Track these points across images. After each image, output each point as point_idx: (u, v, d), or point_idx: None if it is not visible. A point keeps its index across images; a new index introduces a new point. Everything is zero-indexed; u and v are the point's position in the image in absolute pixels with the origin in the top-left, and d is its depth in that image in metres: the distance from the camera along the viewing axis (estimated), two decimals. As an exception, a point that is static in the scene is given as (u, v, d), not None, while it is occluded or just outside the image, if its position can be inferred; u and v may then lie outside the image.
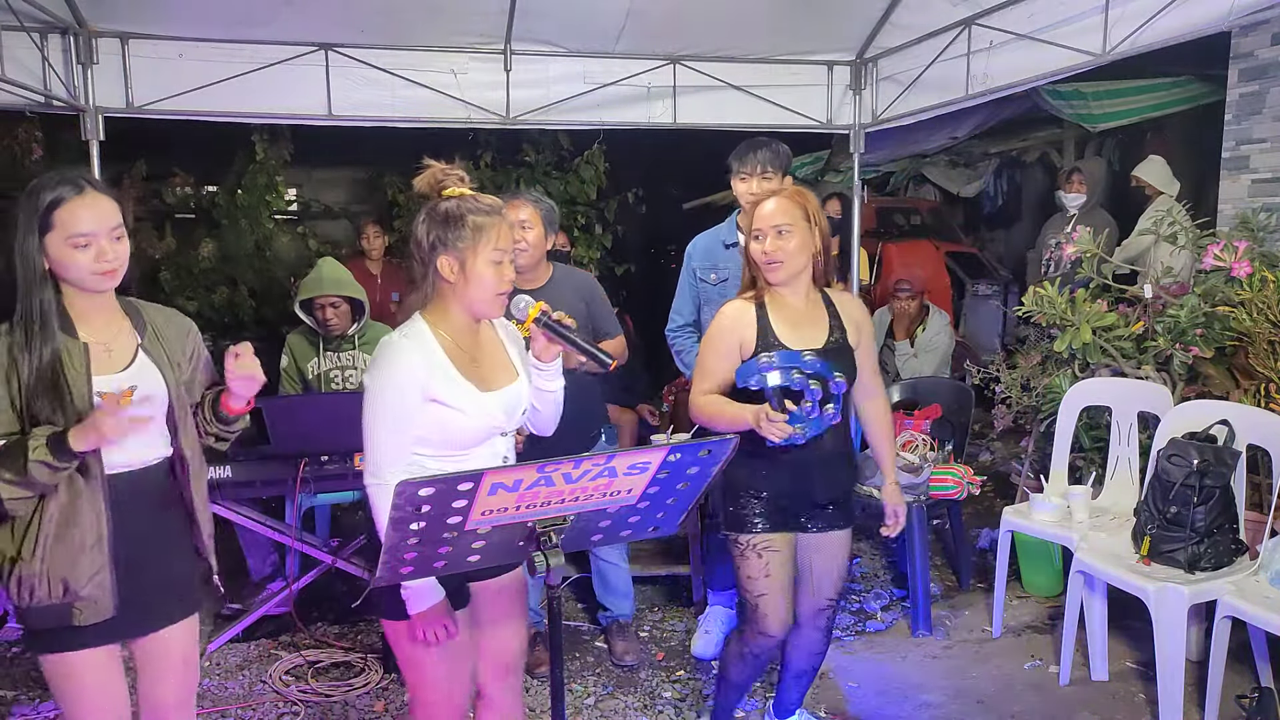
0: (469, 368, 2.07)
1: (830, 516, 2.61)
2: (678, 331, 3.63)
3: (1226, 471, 3.05)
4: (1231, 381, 3.60)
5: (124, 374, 2.03)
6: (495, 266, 2.04)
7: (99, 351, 2.01)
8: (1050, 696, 3.26)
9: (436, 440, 2.04)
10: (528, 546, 1.72)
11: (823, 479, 2.56)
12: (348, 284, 4.15)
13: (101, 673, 2.04)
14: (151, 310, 2.17)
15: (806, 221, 2.49)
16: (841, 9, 4.66)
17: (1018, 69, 4.15)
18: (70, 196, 1.95)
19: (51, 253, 1.94)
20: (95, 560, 1.97)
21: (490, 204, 2.06)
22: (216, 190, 7.82)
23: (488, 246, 2.02)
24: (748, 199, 3.33)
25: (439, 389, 2.01)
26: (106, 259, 1.96)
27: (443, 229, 2.03)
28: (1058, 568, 3.96)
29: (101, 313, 2.05)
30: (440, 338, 2.06)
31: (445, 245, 2.03)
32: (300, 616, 3.81)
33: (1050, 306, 3.86)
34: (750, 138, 3.37)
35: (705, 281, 3.51)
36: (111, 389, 1.98)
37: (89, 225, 1.95)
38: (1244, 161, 4.77)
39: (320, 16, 4.32)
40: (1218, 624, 2.86)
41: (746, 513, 2.57)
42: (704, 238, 3.58)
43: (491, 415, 2.07)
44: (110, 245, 1.97)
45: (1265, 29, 4.55)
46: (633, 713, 3.25)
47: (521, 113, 4.79)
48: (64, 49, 4.21)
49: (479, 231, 2.02)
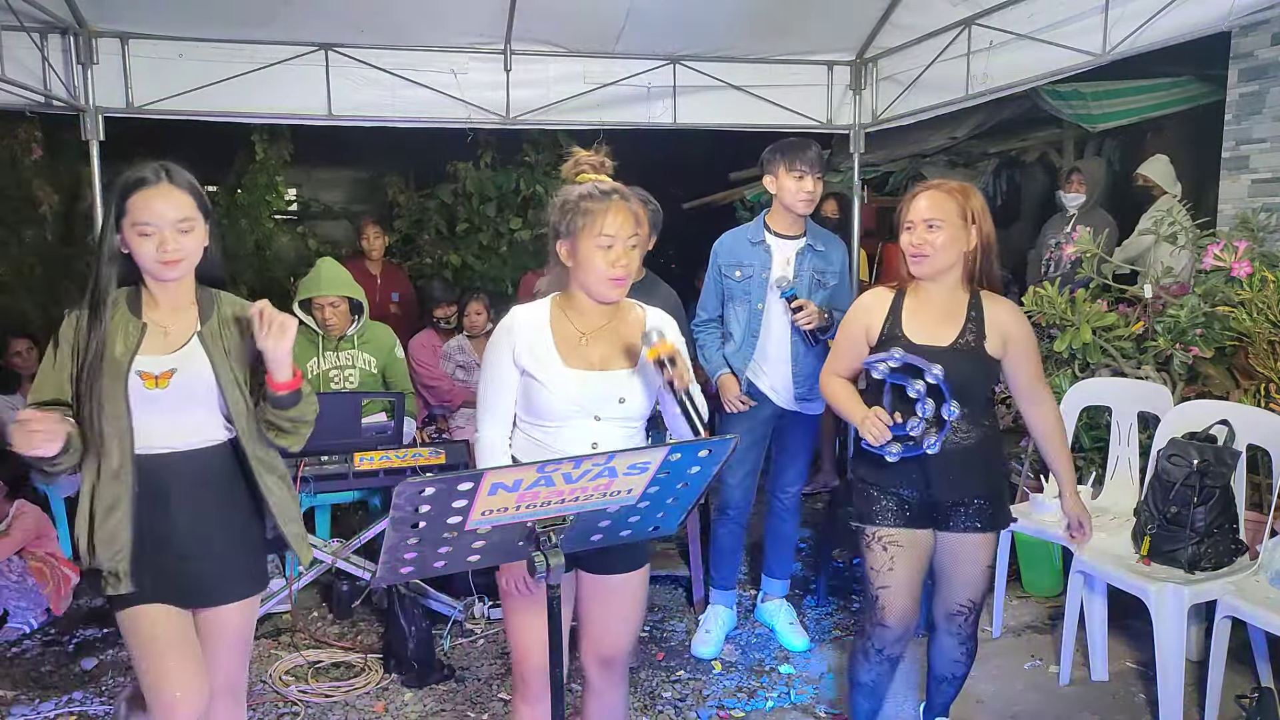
0: (572, 345, 2.14)
1: (967, 517, 2.53)
2: (701, 326, 3.65)
3: (1226, 471, 3.05)
4: (1231, 381, 3.60)
5: (171, 356, 2.08)
6: (603, 251, 2.08)
7: (156, 333, 2.09)
8: (1050, 696, 3.26)
9: (524, 406, 2.17)
10: (527, 546, 1.72)
11: (957, 478, 2.49)
12: (347, 284, 4.15)
13: (162, 624, 2.09)
14: (228, 301, 2.21)
15: (961, 219, 2.44)
16: (841, 9, 4.66)
17: (1018, 69, 4.15)
18: (145, 185, 2.02)
19: (125, 237, 2.03)
20: (118, 537, 2.05)
21: (606, 189, 2.12)
22: (216, 190, 7.82)
23: (594, 230, 2.07)
24: (803, 197, 3.36)
25: (525, 358, 2.13)
26: (167, 250, 2.02)
27: (560, 215, 2.13)
28: (1058, 568, 3.96)
29: (172, 297, 2.12)
30: (557, 316, 2.17)
31: (562, 231, 2.12)
32: (300, 616, 3.81)
33: (1050, 306, 3.87)
34: (753, 137, 3.39)
35: (729, 278, 3.52)
36: (152, 369, 2.05)
37: (154, 216, 2.01)
38: (1244, 161, 4.77)
39: (320, 16, 4.32)
40: (1218, 624, 2.86)
41: (873, 505, 2.55)
42: (730, 235, 3.60)
43: (568, 391, 2.10)
44: (174, 237, 2.03)
45: (1265, 29, 4.55)
46: (633, 713, 3.25)
47: (521, 113, 4.79)
48: (64, 49, 4.22)
49: (587, 216, 2.08)
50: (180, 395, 2.08)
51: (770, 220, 3.50)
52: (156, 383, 2.05)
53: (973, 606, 2.62)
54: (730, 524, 3.68)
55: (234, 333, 2.17)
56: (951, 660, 2.70)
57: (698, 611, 3.94)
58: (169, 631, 2.10)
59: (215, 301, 2.19)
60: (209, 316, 2.15)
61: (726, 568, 3.78)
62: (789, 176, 3.38)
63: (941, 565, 2.61)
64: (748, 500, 3.69)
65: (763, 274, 3.45)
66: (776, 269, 3.45)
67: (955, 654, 2.68)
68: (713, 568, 3.83)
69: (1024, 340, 2.51)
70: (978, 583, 2.60)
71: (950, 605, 2.63)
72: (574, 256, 2.11)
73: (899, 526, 2.53)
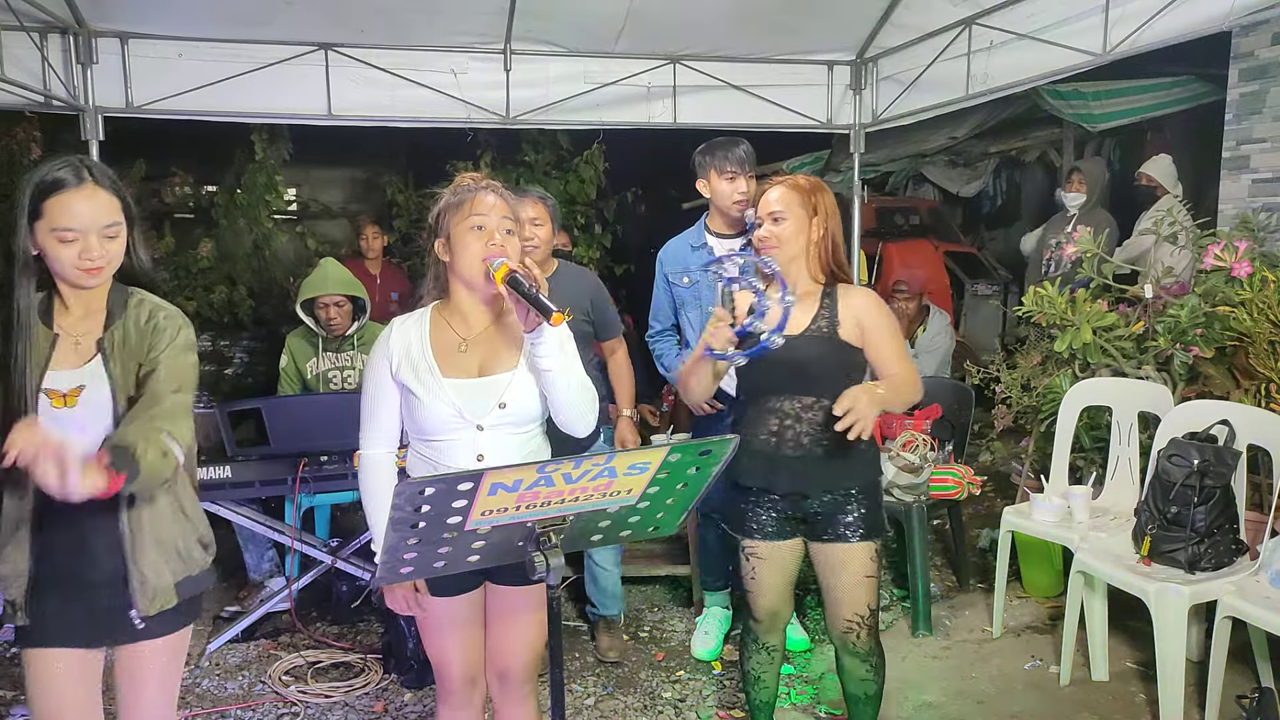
0: (450, 354, 2.11)
1: (837, 526, 2.47)
2: (657, 337, 3.65)
3: (1227, 471, 3.05)
4: (1232, 381, 3.59)
5: (80, 371, 1.88)
6: (475, 233, 2.06)
7: (67, 344, 1.88)
8: (1050, 696, 3.26)
9: (409, 424, 2.15)
10: (527, 546, 1.71)
11: (817, 478, 2.45)
12: (352, 283, 4.17)
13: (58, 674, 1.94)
14: (135, 303, 1.96)
15: (804, 209, 2.48)
16: (841, 9, 4.66)
17: (1018, 69, 4.15)
18: (65, 187, 1.81)
19: (39, 241, 1.83)
20: (17, 564, 1.88)
21: (470, 182, 2.13)
22: (215, 190, 7.82)
23: (466, 215, 2.07)
24: (735, 199, 3.31)
25: (403, 372, 2.10)
26: (91, 257, 1.82)
27: (435, 219, 2.14)
28: (1058, 568, 3.95)
29: (85, 303, 1.92)
30: (435, 322, 2.13)
31: (437, 231, 2.12)
32: (300, 616, 3.81)
33: (1050, 306, 3.86)
34: (753, 137, 3.37)
35: (678, 285, 3.51)
36: (60, 386, 1.85)
37: (75, 220, 1.81)
38: (1244, 161, 4.77)
39: (320, 16, 4.32)
40: (1218, 624, 2.85)
41: (741, 515, 2.56)
42: (673, 243, 3.57)
43: (446, 401, 2.06)
44: (99, 243, 1.83)
45: (1265, 29, 4.55)
46: (633, 713, 3.25)
47: (521, 113, 4.79)
48: (64, 49, 4.21)
49: (458, 205, 2.09)
50: (90, 413, 1.86)
51: (710, 222, 3.47)
52: (65, 401, 1.84)
53: (861, 620, 2.51)
54: (716, 526, 3.68)
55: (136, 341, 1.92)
56: (859, 679, 2.59)
57: (697, 612, 3.94)
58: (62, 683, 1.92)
59: (126, 303, 1.94)
60: (115, 320, 1.91)
61: (717, 568, 3.77)
62: (720, 179, 3.32)
63: (822, 580, 2.57)
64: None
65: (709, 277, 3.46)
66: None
67: (860, 672, 2.58)
68: (703, 570, 3.83)
69: (879, 321, 2.49)
70: (859, 595, 2.50)
71: (839, 623, 2.54)
72: (450, 248, 2.09)
73: (760, 540, 2.55)
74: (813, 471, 2.46)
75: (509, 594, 2.21)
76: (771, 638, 2.68)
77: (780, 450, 2.47)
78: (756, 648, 2.70)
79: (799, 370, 2.43)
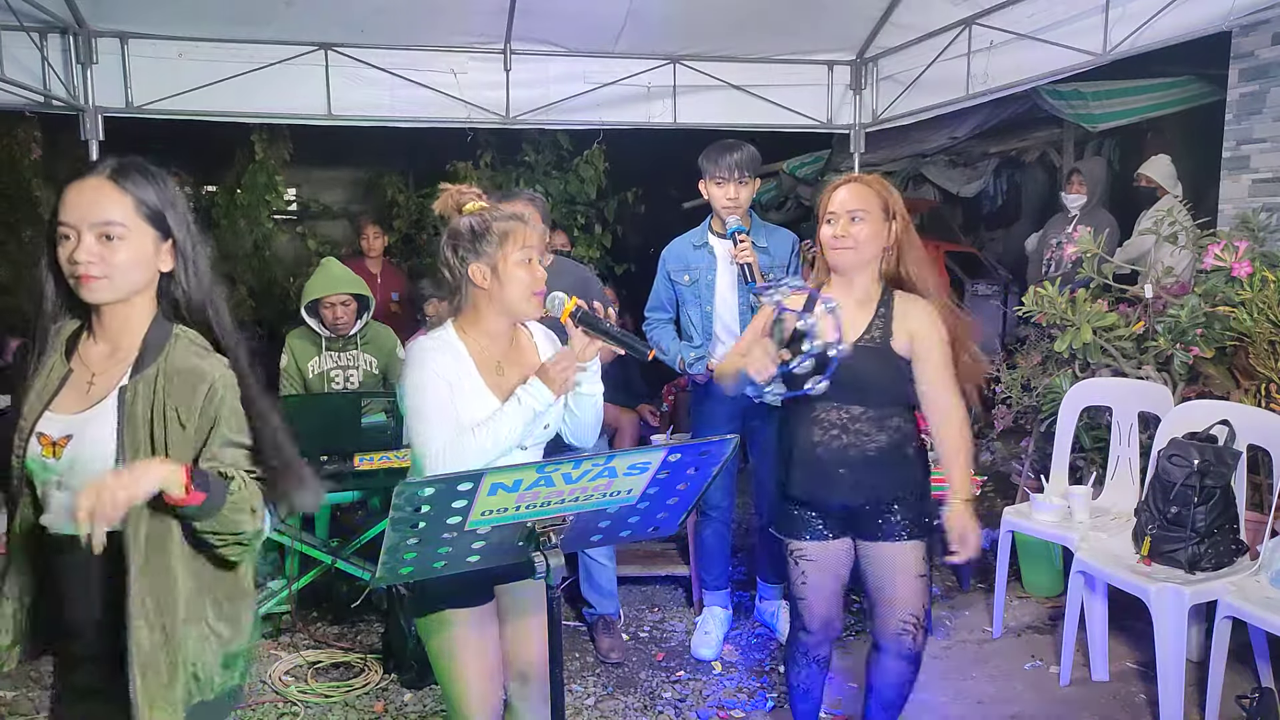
0: (493, 376, 2.13)
1: (888, 525, 2.44)
2: (653, 325, 3.71)
3: (1227, 471, 3.04)
4: (1232, 381, 3.59)
5: (76, 417, 1.57)
6: (525, 265, 2.10)
7: (78, 382, 1.60)
8: (1050, 697, 3.26)
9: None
10: (527, 546, 1.72)
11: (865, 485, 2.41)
12: (356, 282, 4.18)
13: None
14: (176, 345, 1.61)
15: (883, 212, 2.40)
16: (841, 9, 4.66)
17: (1018, 69, 4.16)
18: (75, 178, 1.57)
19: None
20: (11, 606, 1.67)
21: (512, 212, 2.15)
22: (216, 190, 7.83)
23: (515, 248, 2.09)
24: (724, 203, 3.36)
25: (461, 400, 2.07)
26: (79, 259, 1.52)
27: (471, 241, 2.10)
28: (1058, 568, 3.95)
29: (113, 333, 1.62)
30: (469, 344, 2.13)
31: (476, 255, 2.10)
32: (300, 616, 3.81)
33: (1050, 306, 3.86)
34: (753, 137, 3.38)
35: (679, 283, 3.57)
36: (52, 431, 1.56)
37: (70, 213, 1.54)
38: (1244, 161, 4.77)
39: (320, 16, 4.33)
40: (1218, 624, 2.85)
41: (788, 517, 2.52)
42: (677, 242, 3.64)
43: None
44: (95, 244, 1.53)
45: (1265, 29, 4.55)
46: (633, 713, 3.25)
47: (521, 112, 4.79)
48: (63, 49, 4.22)
49: (505, 236, 2.09)
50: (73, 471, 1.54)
51: (713, 223, 3.53)
52: (53, 451, 1.54)
53: (917, 622, 2.46)
54: (714, 524, 3.69)
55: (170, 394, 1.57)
56: (898, 683, 2.53)
57: (697, 612, 3.94)
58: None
59: (169, 344, 1.61)
60: (149, 364, 1.58)
61: (716, 568, 3.77)
62: (711, 183, 3.38)
63: (873, 582, 2.49)
64: (728, 499, 3.72)
65: (709, 276, 3.49)
66: (722, 269, 3.47)
67: (903, 675, 2.52)
68: (703, 569, 3.83)
69: (930, 340, 2.40)
70: (914, 596, 2.45)
71: (892, 625, 2.47)
72: (495, 277, 2.09)
73: (808, 540, 2.49)
74: (864, 483, 2.41)
75: (521, 591, 2.22)
76: (822, 649, 2.59)
77: (828, 462, 2.40)
78: (806, 661, 2.60)
79: (849, 381, 2.32)
